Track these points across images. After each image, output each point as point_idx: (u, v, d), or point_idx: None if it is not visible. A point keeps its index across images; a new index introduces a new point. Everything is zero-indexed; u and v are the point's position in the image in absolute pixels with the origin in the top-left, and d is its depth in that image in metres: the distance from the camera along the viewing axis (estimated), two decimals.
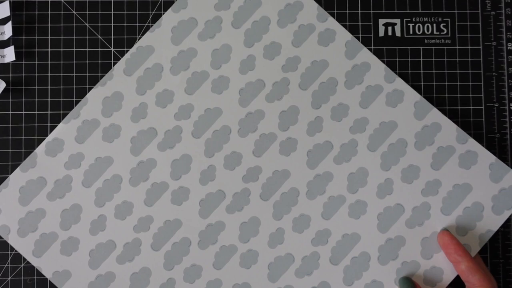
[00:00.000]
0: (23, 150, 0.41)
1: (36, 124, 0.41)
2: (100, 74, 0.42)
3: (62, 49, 0.42)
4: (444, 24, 0.43)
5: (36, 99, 0.42)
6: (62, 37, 0.42)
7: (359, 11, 0.43)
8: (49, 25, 0.42)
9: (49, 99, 0.42)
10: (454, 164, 0.41)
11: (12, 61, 0.42)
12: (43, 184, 0.40)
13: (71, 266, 0.40)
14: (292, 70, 0.41)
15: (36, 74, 0.42)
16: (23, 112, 0.42)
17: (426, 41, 0.43)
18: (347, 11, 0.43)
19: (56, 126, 0.41)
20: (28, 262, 0.40)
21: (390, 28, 0.43)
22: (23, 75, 0.42)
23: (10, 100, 0.42)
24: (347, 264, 0.40)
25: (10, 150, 0.41)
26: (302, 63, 0.41)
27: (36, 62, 0.42)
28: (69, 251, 0.40)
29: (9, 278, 0.41)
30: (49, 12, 0.42)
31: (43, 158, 0.40)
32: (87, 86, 0.42)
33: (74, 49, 0.42)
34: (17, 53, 0.42)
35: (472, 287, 0.37)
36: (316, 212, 0.41)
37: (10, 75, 0.42)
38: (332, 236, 0.40)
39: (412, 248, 0.40)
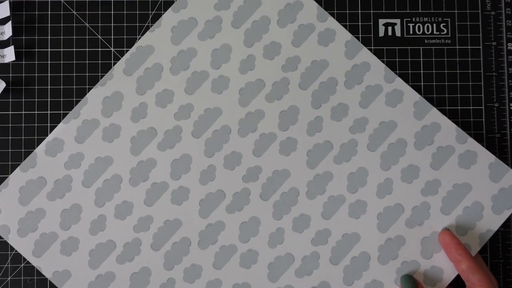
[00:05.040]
0: (23, 150, 0.41)
1: (36, 124, 0.41)
2: (100, 74, 0.42)
3: (62, 49, 0.42)
4: (444, 24, 0.43)
5: (36, 99, 0.42)
6: (62, 37, 0.42)
7: (359, 11, 0.43)
8: (49, 25, 0.42)
9: (49, 99, 0.42)
10: (454, 163, 0.41)
11: (12, 61, 0.42)
12: (43, 184, 0.40)
13: (71, 266, 0.40)
14: (292, 70, 0.41)
15: (36, 74, 0.42)
16: (23, 112, 0.42)
17: (426, 41, 0.43)
18: (347, 11, 0.43)
19: (56, 126, 0.41)
20: (28, 262, 0.40)
21: (390, 28, 0.43)
22: (23, 75, 0.42)
23: (10, 100, 0.42)
24: (347, 264, 0.40)
25: (10, 150, 0.41)
26: (302, 63, 0.41)
27: (36, 62, 0.42)
28: (69, 251, 0.40)
29: (9, 278, 0.41)
30: (49, 12, 0.42)
31: (43, 158, 0.40)
32: (87, 86, 0.42)
33: (74, 49, 0.42)
34: (17, 53, 0.42)
35: (472, 286, 0.37)
36: (316, 212, 0.41)
37: (10, 75, 0.42)
38: (332, 236, 0.40)
39: (412, 247, 0.40)
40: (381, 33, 0.43)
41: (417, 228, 0.40)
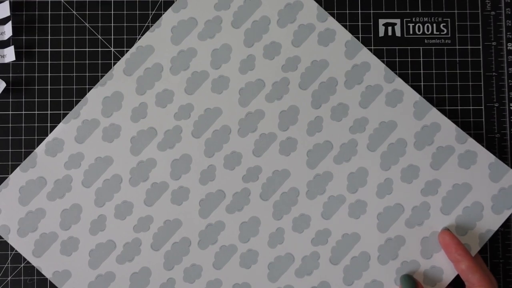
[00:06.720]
0: (23, 150, 0.41)
1: (36, 124, 0.41)
2: (100, 74, 0.42)
3: (62, 49, 0.42)
4: (444, 24, 0.43)
5: (36, 99, 0.42)
6: (62, 37, 0.42)
7: (359, 11, 0.43)
8: (49, 25, 0.42)
9: (49, 99, 0.42)
10: (454, 163, 0.41)
11: (12, 61, 0.42)
12: (43, 184, 0.40)
13: (71, 266, 0.40)
14: (292, 70, 0.41)
15: (36, 74, 0.42)
16: (23, 112, 0.42)
17: (426, 41, 0.43)
18: (347, 11, 0.43)
19: (56, 126, 0.41)
20: (28, 262, 0.40)
21: (390, 28, 0.43)
22: (23, 75, 0.42)
23: (10, 100, 0.42)
24: (347, 264, 0.40)
25: (10, 150, 0.41)
26: (302, 63, 0.41)
27: (36, 62, 0.42)
28: (69, 251, 0.40)
29: (9, 278, 0.41)
30: (49, 12, 0.42)
31: (43, 158, 0.40)
32: (87, 86, 0.42)
33: (74, 49, 0.42)
34: (17, 53, 0.42)
35: (472, 286, 0.37)
36: (316, 212, 0.41)
37: (10, 75, 0.42)
38: (332, 236, 0.40)
39: (412, 247, 0.40)
40: (381, 33, 0.43)
41: (417, 228, 0.40)
